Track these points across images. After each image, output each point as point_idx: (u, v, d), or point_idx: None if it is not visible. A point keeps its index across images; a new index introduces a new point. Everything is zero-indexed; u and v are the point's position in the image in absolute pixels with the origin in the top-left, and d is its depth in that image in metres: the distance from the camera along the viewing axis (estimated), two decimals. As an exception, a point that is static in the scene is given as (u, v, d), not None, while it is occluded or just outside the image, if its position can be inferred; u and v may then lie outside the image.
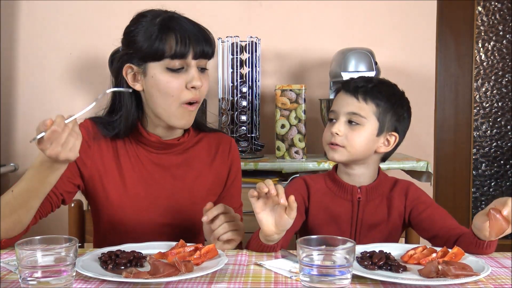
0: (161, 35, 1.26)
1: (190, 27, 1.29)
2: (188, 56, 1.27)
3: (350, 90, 1.39)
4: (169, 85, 1.27)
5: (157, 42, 1.26)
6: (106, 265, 1.07)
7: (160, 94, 1.28)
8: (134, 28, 1.31)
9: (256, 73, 2.28)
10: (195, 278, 1.03)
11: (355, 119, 1.37)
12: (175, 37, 1.26)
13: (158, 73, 1.28)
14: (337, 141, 1.37)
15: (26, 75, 2.58)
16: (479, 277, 1.03)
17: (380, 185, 1.42)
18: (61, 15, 2.55)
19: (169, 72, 1.27)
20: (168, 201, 1.40)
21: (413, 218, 1.41)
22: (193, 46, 1.27)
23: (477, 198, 2.75)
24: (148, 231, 1.37)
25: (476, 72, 2.70)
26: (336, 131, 1.37)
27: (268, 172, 2.17)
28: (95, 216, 1.44)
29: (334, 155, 1.39)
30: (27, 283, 0.95)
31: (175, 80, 1.27)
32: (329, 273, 0.96)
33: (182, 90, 1.28)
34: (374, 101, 1.37)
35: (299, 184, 1.46)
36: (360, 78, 1.44)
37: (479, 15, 2.68)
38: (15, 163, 2.54)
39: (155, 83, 1.28)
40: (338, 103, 1.40)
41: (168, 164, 1.41)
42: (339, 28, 2.56)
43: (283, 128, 2.24)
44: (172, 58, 1.26)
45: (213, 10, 2.50)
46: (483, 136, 2.74)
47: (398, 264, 1.10)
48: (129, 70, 1.32)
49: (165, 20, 1.28)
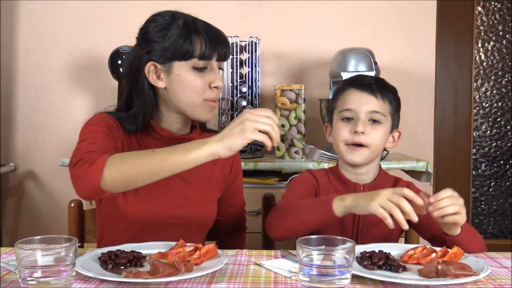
0: (190, 37, 1.32)
1: (215, 31, 1.37)
2: (213, 57, 1.34)
3: (365, 88, 1.38)
4: (195, 83, 1.33)
5: (187, 43, 1.32)
6: (106, 265, 1.07)
7: (186, 91, 1.34)
8: (156, 28, 1.35)
9: (255, 73, 2.28)
10: (194, 278, 1.03)
11: (377, 117, 1.37)
12: (203, 39, 1.33)
13: (185, 71, 1.33)
14: (361, 140, 1.36)
15: (26, 75, 2.58)
16: (478, 277, 1.03)
17: (382, 183, 1.43)
18: (61, 15, 2.55)
19: (194, 71, 1.34)
20: (177, 196, 1.41)
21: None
22: (218, 49, 1.35)
23: (477, 198, 2.75)
24: (156, 225, 1.38)
25: (476, 72, 2.70)
26: (361, 129, 1.35)
27: (268, 172, 2.17)
28: (102, 208, 1.44)
29: (355, 157, 1.37)
30: (27, 283, 0.94)
31: (200, 79, 1.34)
32: (328, 273, 0.96)
33: (206, 89, 1.35)
34: (388, 98, 1.39)
35: (308, 178, 1.46)
36: (367, 76, 1.44)
37: (478, 15, 2.68)
38: (15, 163, 2.54)
39: (181, 80, 1.34)
40: (355, 101, 1.38)
41: None
42: (339, 28, 2.56)
43: (283, 128, 2.24)
44: (200, 59, 1.33)
45: (213, 10, 2.50)
46: (483, 136, 2.74)
47: (397, 264, 1.10)
48: (152, 68, 1.35)
49: (189, 22, 1.34)
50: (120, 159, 1.17)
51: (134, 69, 1.36)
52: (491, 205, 2.76)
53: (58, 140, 2.55)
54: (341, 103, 1.42)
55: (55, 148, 2.56)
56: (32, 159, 2.59)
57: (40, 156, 2.57)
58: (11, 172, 2.55)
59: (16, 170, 2.55)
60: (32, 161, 2.59)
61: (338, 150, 1.42)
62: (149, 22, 1.37)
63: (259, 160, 2.19)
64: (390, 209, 1.12)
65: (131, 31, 1.44)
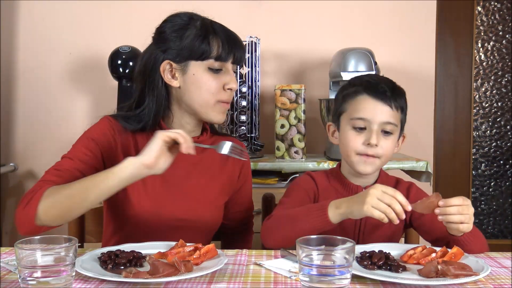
0: (208, 37, 1.34)
1: (233, 34, 1.38)
2: (229, 59, 1.36)
3: (380, 96, 1.34)
4: (210, 84, 1.35)
5: (204, 44, 1.33)
6: (106, 265, 1.07)
7: (200, 91, 1.35)
8: (173, 28, 1.36)
9: (255, 73, 2.28)
10: (194, 278, 1.03)
11: (390, 128, 1.35)
12: (221, 41, 1.34)
13: (200, 71, 1.35)
14: (374, 152, 1.34)
15: (26, 75, 2.58)
16: (478, 277, 1.03)
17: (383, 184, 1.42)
18: (61, 15, 2.55)
19: (210, 71, 1.35)
20: (183, 199, 1.41)
21: (414, 220, 1.40)
22: (235, 51, 1.36)
23: (476, 198, 2.75)
24: (163, 227, 1.38)
25: (476, 72, 2.70)
26: (375, 142, 1.32)
27: (268, 172, 2.17)
28: (109, 211, 1.45)
29: (367, 168, 1.35)
30: (27, 283, 0.95)
31: (215, 80, 1.35)
32: (328, 273, 0.96)
33: (220, 90, 1.36)
34: (400, 106, 1.37)
35: (307, 182, 1.44)
36: (380, 79, 1.40)
37: (478, 15, 2.68)
38: (15, 163, 2.54)
39: (196, 80, 1.35)
40: (369, 111, 1.34)
41: (185, 162, 1.42)
42: (339, 28, 2.56)
43: (283, 128, 2.24)
44: (216, 60, 1.34)
45: (212, 10, 2.49)
46: (483, 136, 2.74)
47: (397, 264, 1.10)
48: (167, 67, 1.36)
49: (207, 24, 1.36)
50: (54, 191, 1.21)
51: (149, 68, 1.38)
52: (491, 205, 2.76)
53: (58, 140, 2.55)
54: (353, 109, 1.36)
55: (55, 148, 2.54)
56: (32, 159, 2.59)
57: (40, 156, 2.57)
58: (11, 172, 2.55)
59: (16, 170, 2.55)
60: (32, 161, 2.59)
61: (348, 160, 1.38)
62: (166, 22, 1.39)
63: (259, 160, 2.19)
64: (384, 211, 1.13)
65: (131, 31, 1.45)
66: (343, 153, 1.41)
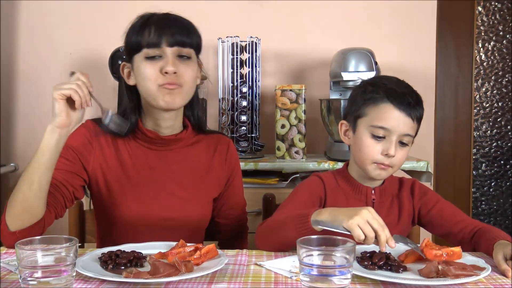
0: (139, 29, 1.37)
1: (166, 19, 1.39)
2: (162, 44, 1.35)
3: (404, 107, 1.33)
4: (147, 71, 1.36)
5: (137, 35, 1.37)
6: (106, 265, 1.07)
7: (143, 81, 1.37)
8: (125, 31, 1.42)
9: (256, 73, 2.28)
10: (195, 278, 1.03)
11: (407, 140, 1.35)
12: (149, 29, 1.36)
13: (139, 62, 1.37)
14: (389, 162, 1.34)
15: (26, 75, 2.58)
16: (479, 277, 1.03)
17: (390, 185, 1.42)
18: (61, 15, 2.55)
19: (147, 60, 1.36)
20: (169, 198, 1.42)
21: (423, 216, 1.41)
22: (166, 35, 1.35)
23: (477, 198, 2.75)
24: (150, 227, 1.39)
25: (476, 72, 2.70)
26: (393, 153, 1.32)
27: (268, 172, 2.17)
28: (98, 213, 1.47)
29: (382, 173, 1.35)
30: (27, 283, 0.95)
31: (151, 66, 1.36)
32: (329, 273, 0.96)
33: (158, 75, 1.35)
34: (420, 116, 1.38)
35: (316, 184, 1.42)
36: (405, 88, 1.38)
37: (479, 15, 2.68)
38: (15, 163, 2.54)
39: (138, 72, 1.38)
40: (392, 121, 1.32)
41: (168, 161, 1.44)
42: (339, 28, 2.56)
43: (283, 128, 2.24)
44: (148, 47, 1.35)
45: (213, 10, 2.50)
46: (483, 136, 2.74)
47: (398, 264, 1.10)
48: (125, 68, 1.42)
49: (146, 17, 1.40)
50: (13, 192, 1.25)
51: (118, 73, 1.46)
52: (492, 205, 2.76)
53: (58, 140, 2.55)
54: (375, 117, 1.34)
55: (55, 148, 2.55)
56: (32, 159, 2.58)
57: (40, 156, 2.56)
58: (11, 172, 2.55)
59: (16, 170, 2.54)
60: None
61: (362, 166, 1.36)
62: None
63: (259, 160, 2.19)
64: (367, 233, 1.08)
65: (131, 31, 1.45)
66: (357, 157, 1.38)
